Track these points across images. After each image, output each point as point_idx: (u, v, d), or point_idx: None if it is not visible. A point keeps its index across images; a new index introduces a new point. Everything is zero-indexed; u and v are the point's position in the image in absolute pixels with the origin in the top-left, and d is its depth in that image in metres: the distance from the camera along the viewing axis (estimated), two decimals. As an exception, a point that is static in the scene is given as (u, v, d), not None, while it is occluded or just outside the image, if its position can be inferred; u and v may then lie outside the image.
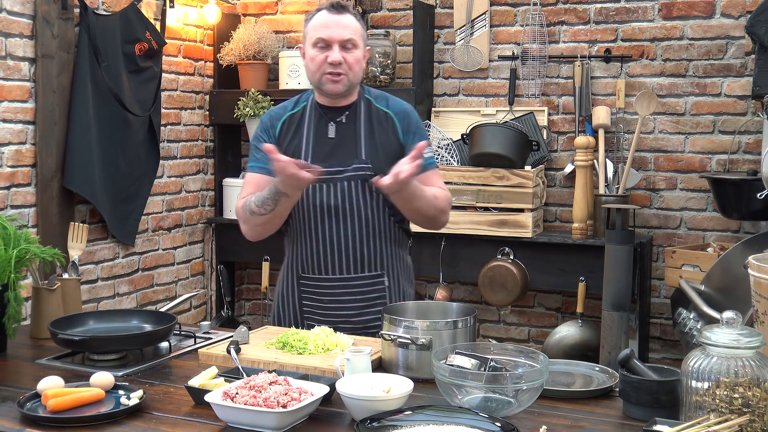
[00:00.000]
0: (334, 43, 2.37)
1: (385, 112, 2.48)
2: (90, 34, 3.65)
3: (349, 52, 2.39)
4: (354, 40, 2.39)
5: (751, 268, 1.91)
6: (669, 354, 4.10)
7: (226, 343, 2.22)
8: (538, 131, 4.15)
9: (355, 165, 2.42)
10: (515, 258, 3.96)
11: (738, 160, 3.93)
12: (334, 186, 2.42)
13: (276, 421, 1.66)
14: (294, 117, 2.51)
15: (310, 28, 2.43)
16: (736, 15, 3.89)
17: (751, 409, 1.60)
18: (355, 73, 2.41)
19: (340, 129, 2.46)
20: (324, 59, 2.38)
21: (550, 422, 1.73)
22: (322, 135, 2.46)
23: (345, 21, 2.39)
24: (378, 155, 2.43)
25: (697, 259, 3.59)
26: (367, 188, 2.42)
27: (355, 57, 2.40)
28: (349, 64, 2.39)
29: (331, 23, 2.38)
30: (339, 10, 2.40)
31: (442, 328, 2.04)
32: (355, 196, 2.43)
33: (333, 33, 2.37)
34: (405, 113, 2.50)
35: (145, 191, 4.08)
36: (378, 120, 2.47)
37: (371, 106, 2.49)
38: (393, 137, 2.46)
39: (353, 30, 2.40)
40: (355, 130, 2.45)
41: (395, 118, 2.48)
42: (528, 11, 4.20)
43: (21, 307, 2.29)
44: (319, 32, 2.38)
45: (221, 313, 4.49)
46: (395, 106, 2.51)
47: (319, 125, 2.47)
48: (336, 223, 2.44)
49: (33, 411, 1.78)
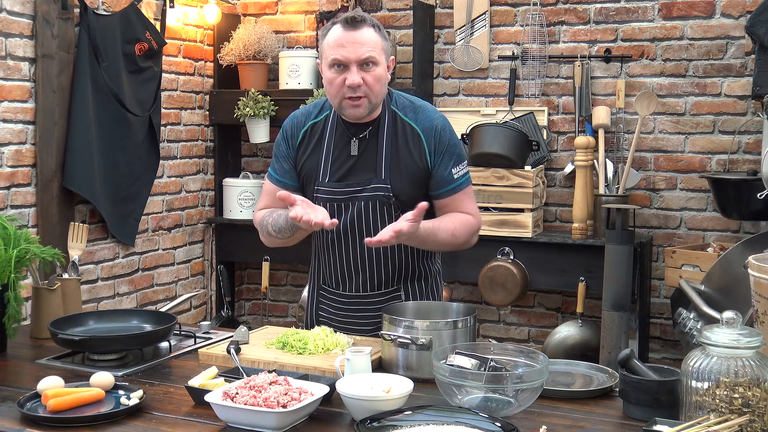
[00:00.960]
0: (351, 64, 2.18)
1: (412, 128, 2.31)
2: (90, 34, 3.65)
3: (369, 71, 2.19)
4: (373, 57, 2.19)
5: (751, 268, 1.91)
6: (669, 354, 4.10)
7: (226, 343, 2.21)
8: (538, 131, 4.15)
9: (373, 185, 2.29)
10: (515, 258, 3.96)
11: (738, 160, 3.93)
12: (352, 205, 2.31)
13: (276, 421, 1.66)
14: (316, 126, 2.37)
15: (325, 47, 2.23)
16: (736, 15, 3.89)
17: (751, 409, 1.60)
18: (377, 94, 2.23)
19: (362, 145, 2.30)
20: (342, 82, 2.19)
21: (550, 422, 1.73)
22: (344, 151, 2.32)
23: (362, 38, 2.18)
24: (400, 175, 2.28)
25: (697, 259, 3.59)
26: (385, 209, 2.30)
27: (376, 76, 2.20)
28: (370, 85, 2.20)
29: (346, 42, 2.17)
30: (354, 25, 2.18)
31: (442, 328, 2.04)
32: (372, 217, 2.31)
33: (349, 53, 2.17)
34: (434, 131, 2.30)
35: (145, 191, 4.08)
36: (404, 136, 2.30)
37: (397, 119, 2.31)
38: (419, 158, 2.29)
39: (372, 46, 2.19)
40: (377, 146, 2.29)
41: (422, 136, 2.29)
42: (528, 11, 4.20)
43: (21, 307, 2.29)
44: (334, 52, 2.19)
45: (221, 313, 4.49)
46: (424, 121, 2.31)
47: (341, 140, 2.33)
48: (353, 243, 2.35)
49: (33, 411, 1.78)
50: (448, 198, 2.32)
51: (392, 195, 2.28)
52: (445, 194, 2.33)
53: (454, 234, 2.29)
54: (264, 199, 2.48)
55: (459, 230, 2.31)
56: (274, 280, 4.83)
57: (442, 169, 2.31)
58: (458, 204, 2.34)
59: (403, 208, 2.25)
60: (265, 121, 4.40)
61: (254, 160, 4.82)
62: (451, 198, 2.32)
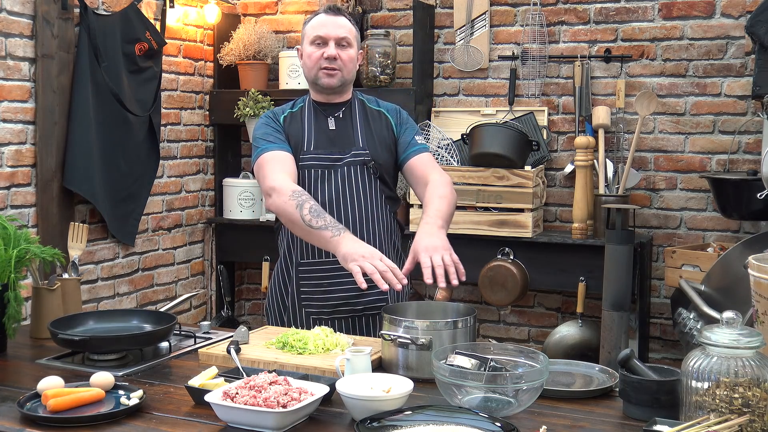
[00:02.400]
0: (330, 39, 2.53)
1: (378, 111, 2.66)
2: (90, 34, 3.65)
3: (344, 49, 2.55)
4: (348, 39, 2.55)
5: (751, 268, 1.91)
6: (669, 354, 4.10)
7: (226, 343, 2.22)
8: (538, 131, 4.15)
9: (354, 151, 2.55)
10: (515, 258, 3.96)
11: (738, 160, 3.94)
12: (335, 172, 2.53)
13: (276, 421, 1.66)
14: (294, 114, 2.63)
15: (308, 29, 2.58)
16: (736, 15, 3.89)
17: (751, 409, 1.60)
18: (348, 71, 2.57)
19: (339, 122, 2.60)
20: (320, 55, 2.53)
21: (550, 422, 1.73)
22: (322, 126, 2.59)
23: (341, 22, 2.56)
24: (375, 143, 2.58)
25: (697, 259, 3.59)
26: (365, 173, 2.55)
27: (349, 55, 2.56)
28: (344, 60, 2.54)
29: (327, 23, 2.55)
30: (335, 12, 2.57)
31: (442, 328, 2.04)
32: (354, 182, 2.54)
33: (329, 31, 2.53)
34: (396, 110, 2.68)
35: (145, 191, 4.08)
36: (372, 116, 2.64)
37: (365, 106, 2.66)
38: (387, 130, 2.63)
39: (348, 30, 2.56)
40: (352, 123, 2.60)
41: (388, 115, 2.65)
42: (528, 11, 4.20)
43: (21, 307, 2.29)
44: (316, 30, 2.55)
45: (221, 313, 4.49)
46: (386, 105, 2.69)
47: (319, 119, 2.60)
48: (336, 210, 2.50)
49: (33, 411, 1.78)
50: (415, 157, 2.60)
51: (371, 159, 2.55)
52: (412, 154, 2.60)
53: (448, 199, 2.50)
54: (277, 166, 2.46)
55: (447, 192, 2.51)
56: (274, 280, 4.82)
57: (407, 135, 2.63)
58: (425, 165, 2.60)
59: (380, 172, 2.56)
60: (265, 121, 4.39)
61: (254, 160, 4.82)
62: (418, 157, 2.60)
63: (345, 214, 2.51)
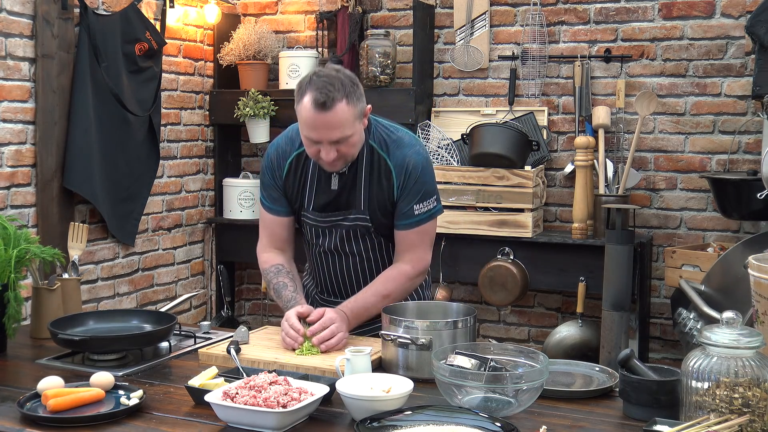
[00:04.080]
0: (323, 142, 2.24)
1: (386, 163, 2.38)
2: (90, 34, 3.65)
3: (343, 143, 2.24)
4: (345, 136, 2.23)
5: (751, 268, 1.91)
6: (669, 354, 4.10)
7: (226, 343, 2.22)
8: (538, 131, 4.15)
9: (354, 215, 2.40)
10: (515, 258, 3.96)
11: (738, 160, 3.93)
12: (335, 231, 2.44)
13: (276, 421, 1.66)
14: (300, 157, 2.42)
15: (299, 115, 2.26)
16: (736, 15, 3.89)
17: (751, 409, 1.60)
18: (353, 154, 2.31)
19: (342, 180, 2.38)
20: (317, 152, 2.27)
21: (550, 422, 1.73)
22: (326, 185, 2.41)
23: (333, 120, 2.19)
24: (375, 207, 2.39)
25: (697, 259, 3.59)
26: (366, 236, 2.44)
27: (350, 143, 2.26)
28: (344, 153, 2.26)
29: (318, 124, 2.20)
30: (324, 107, 2.17)
31: (442, 328, 2.04)
32: (354, 242, 2.45)
33: (321, 136, 2.22)
34: (404, 169, 2.36)
35: (145, 191, 4.08)
36: (378, 171, 2.38)
37: (374, 153, 2.38)
38: (387, 192, 2.38)
39: (342, 125, 2.21)
40: (356, 181, 2.38)
41: (393, 173, 2.37)
42: (528, 11, 4.20)
43: (21, 307, 2.29)
44: (307, 131, 2.24)
45: (221, 313, 4.48)
46: (396, 158, 2.37)
47: (322, 174, 2.40)
48: (339, 261, 2.49)
49: (33, 411, 1.78)
50: (403, 231, 2.40)
51: (371, 225, 2.41)
52: (401, 227, 2.40)
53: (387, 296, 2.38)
54: (263, 232, 2.56)
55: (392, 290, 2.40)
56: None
57: (404, 204, 2.38)
58: (405, 244, 2.42)
59: (382, 233, 2.43)
60: (265, 121, 4.40)
61: (254, 160, 4.82)
62: (403, 233, 2.41)
63: (346, 265, 2.49)
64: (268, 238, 2.53)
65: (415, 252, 2.42)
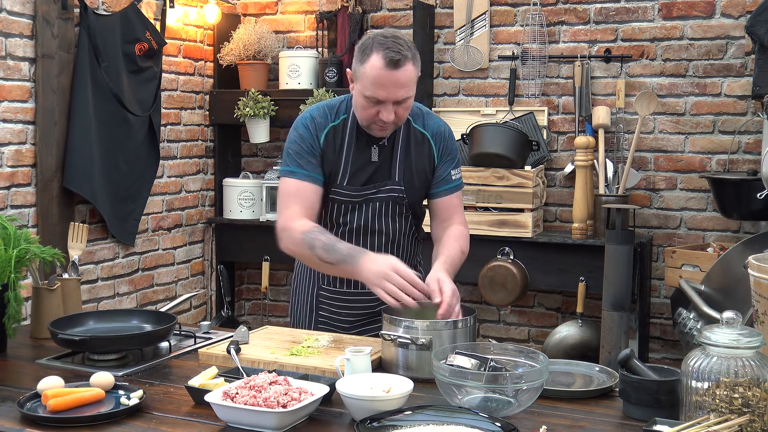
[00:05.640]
0: (389, 102, 2.22)
1: (422, 134, 2.42)
2: (90, 34, 3.65)
3: (402, 105, 2.25)
4: (409, 95, 2.25)
5: (751, 268, 1.91)
6: (669, 354, 4.10)
7: (226, 343, 2.21)
8: (538, 131, 4.15)
9: (389, 186, 2.39)
10: (515, 258, 3.96)
11: (738, 160, 3.94)
12: (366, 205, 2.39)
13: (276, 421, 1.66)
14: (336, 129, 2.37)
15: (362, 76, 2.22)
16: (736, 15, 3.89)
17: (751, 409, 1.60)
18: (404, 118, 2.32)
19: (382, 152, 2.38)
20: (375, 113, 2.24)
21: (550, 422, 1.73)
22: (365, 158, 2.37)
23: (403, 78, 2.20)
24: (412, 177, 2.40)
25: (697, 259, 3.59)
26: (397, 209, 2.42)
27: (407, 105, 2.28)
28: (400, 116, 2.27)
29: (388, 82, 2.19)
30: (397, 65, 2.18)
31: (442, 328, 2.04)
32: (384, 216, 2.41)
33: (389, 95, 2.20)
34: (441, 136, 2.44)
35: (145, 191, 4.08)
36: (415, 141, 2.41)
37: (410, 126, 2.41)
38: (427, 160, 2.43)
39: (409, 85, 2.23)
40: (393, 152, 2.39)
41: (432, 140, 2.42)
42: (528, 11, 4.20)
43: (21, 307, 2.29)
44: (373, 91, 2.21)
45: (221, 313, 4.49)
46: (432, 126, 2.44)
47: (360, 146, 2.37)
48: (364, 240, 2.41)
49: (33, 411, 1.78)
50: (444, 197, 2.45)
51: (405, 196, 2.40)
52: (442, 193, 2.45)
53: (463, 252, 2.42)
54: (295, 201, 2.35)
55: (464, 246, 2.44)
56: (274, 280, 4.83)
57: (443, 169, 2.44)
58: (452, 208, 2.48)
59: (412, 206, 2.44)
60: (265, 121, 4.40)
61: (254, 160, 4.83)
62: (447, 198, 2.46)
63: (370, 244, 2.41)
64: (302, 208, 2.33)
65: (461, 215, 2.49)
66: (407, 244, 2.50)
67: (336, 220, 2.42)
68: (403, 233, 2.47)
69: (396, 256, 2.33)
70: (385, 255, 2.21)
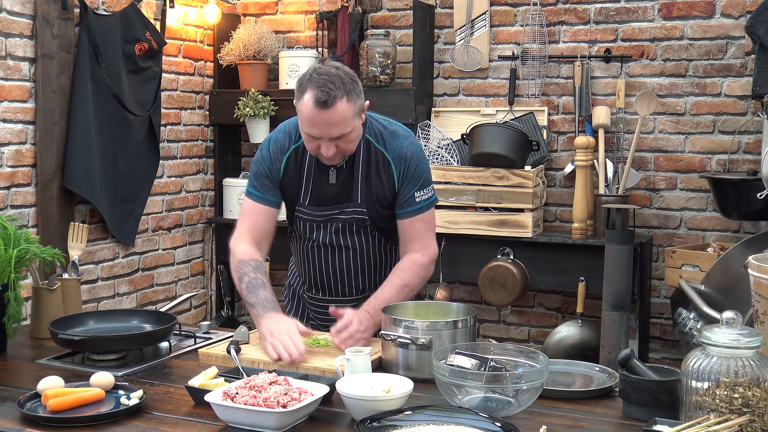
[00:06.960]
0: (323, 138, 2.26)
1: (383, 155, 2.40)
2: (90, 34, 3.65)
3: (342, 139, 2.27)
4: (345, 132, 2.25)
5: (751, 268, 1.91)
6: (669, 354, 4.10)
7: (226, 343, 2.22)
8: (538, 131, 4.15)
9: (350, 209, 2.42)
10: (515, 258, 3.96)
11: (738, 160, 3.93)
12: (330, 225, 2.44)
13: (276, 421, 1.66)
14: (297, 151, 2.43)
15: (299, 112, 2.28)
16: (736, 15, 3.89)
17: (751, 409, 1.60)
18: (351, 149, 2.33)
19: (340, 173, 2.41)
20: (317, 147, 2.29)
21: (550, 422, 1.73)
22: (323, 180, 2.42)
23: (333, 117, 2.21)
24: (373, 200, 2.41)
25: (697, 259, 3.59)
26: (362, 229, 2.44)
27: (349, 139, 2.29)
28: (343, 148, 2.30)
29: (319, 121, 2.22)
30: (325, 105, 2.19)
31: (442, 328, 2.04)
32: (350, 234, 2.45)
33: (322, 132, 2.24)
34: (403, 159, 2.40)
35: (145, 191, 4.08)
36: (376, 164, 2.40)
37: (371, 147, 2.40)
38: (388, 183, 2.41)
39: (343, 122, 2.23)
40: (353, 174, 2.40)
41: (392, 164, 2.40)
42: (528, 11, 4.20)
43: (21, 307, 2.29)
44: (308, 128, 2.26)
45: (221, 313, 4.49)
46: (394, 149, 2.40)
47: (321, 167, 2.41)
48: (333, 255, 2.48)
49: (33, 411, 1.78)
50: (404, 220, 2.42)
51: (368, 218, 2.42)
52: (403, 215, 2.43)
53: (406, 284, 2.39)
54: (244, 222, 2.48)
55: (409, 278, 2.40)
56: (274, 280, 4.82)
57: (406, 192, 2.41)
58: (412, 232, 2.43)
59: (378, 227, 2.45)
60: (265, 121, 4.40)
61: (254, 160, 4.82)
62: (407, 221, 2.43)
63: (339, 260, 2.48)
64: (248, 229, 2.46)
65: (423, 240, 2.44)
66: (378, 255, 2.52)
67: (304, 234, 2.50)
68: (372, 246, 2.50)
69: (367, 268, 2.49)
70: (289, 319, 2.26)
